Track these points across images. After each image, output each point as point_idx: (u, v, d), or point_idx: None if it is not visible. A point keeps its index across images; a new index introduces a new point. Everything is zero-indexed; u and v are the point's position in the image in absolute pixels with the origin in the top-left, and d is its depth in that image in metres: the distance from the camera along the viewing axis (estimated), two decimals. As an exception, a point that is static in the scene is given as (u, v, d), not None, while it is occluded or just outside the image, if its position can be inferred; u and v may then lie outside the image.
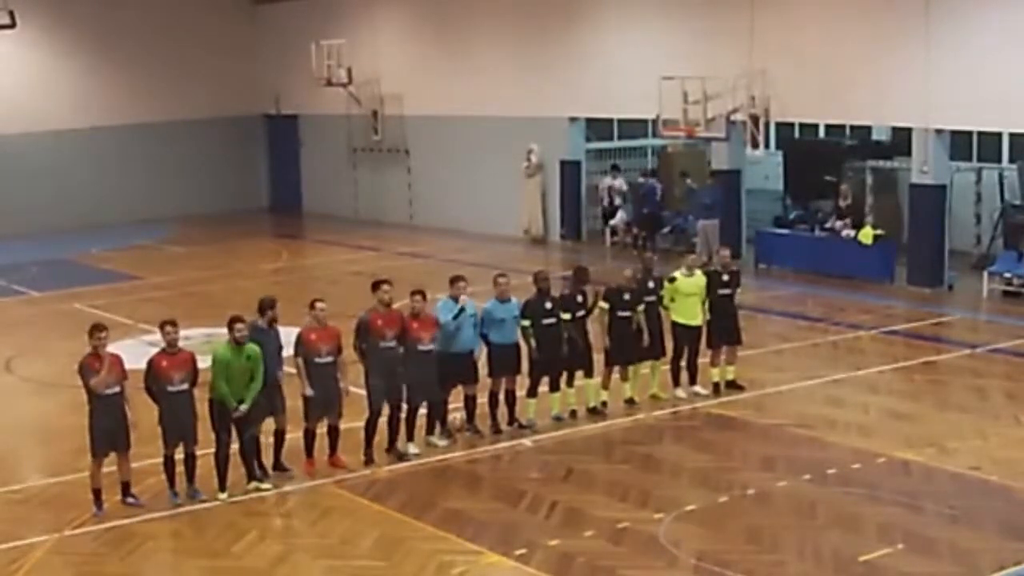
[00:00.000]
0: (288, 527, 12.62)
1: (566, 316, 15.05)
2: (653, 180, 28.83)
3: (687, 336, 16.02)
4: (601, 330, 15.47)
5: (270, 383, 13.13)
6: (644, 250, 23.09)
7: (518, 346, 14.87)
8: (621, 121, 31.91)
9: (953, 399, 16.26)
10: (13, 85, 33.97)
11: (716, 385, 16.28)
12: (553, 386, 15.19)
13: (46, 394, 17.87)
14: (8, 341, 21.32)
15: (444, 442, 14.51)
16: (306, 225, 36.00)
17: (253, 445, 13.10)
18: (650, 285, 15.90)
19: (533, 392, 15.07)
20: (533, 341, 14.86)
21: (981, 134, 26.25)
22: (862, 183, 26.29)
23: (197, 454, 12.82)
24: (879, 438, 14.45)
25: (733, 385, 16.42)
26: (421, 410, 14.25)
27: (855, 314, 21.22)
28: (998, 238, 24.52)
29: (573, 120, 29.64)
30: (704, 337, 16.17)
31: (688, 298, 15.96)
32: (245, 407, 12.75)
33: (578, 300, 15.32)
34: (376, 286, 13.98)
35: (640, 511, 12.29)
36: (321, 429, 13.65)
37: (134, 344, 17.98)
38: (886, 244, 24.00)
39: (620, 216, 29.16)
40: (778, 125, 26.22)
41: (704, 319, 16.08)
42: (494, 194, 31.00)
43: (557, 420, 15.24)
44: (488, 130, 30.94)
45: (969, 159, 26.56)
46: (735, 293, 16.33)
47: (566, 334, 15.04)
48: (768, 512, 12.26)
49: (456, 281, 14.50)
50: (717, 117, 24.57)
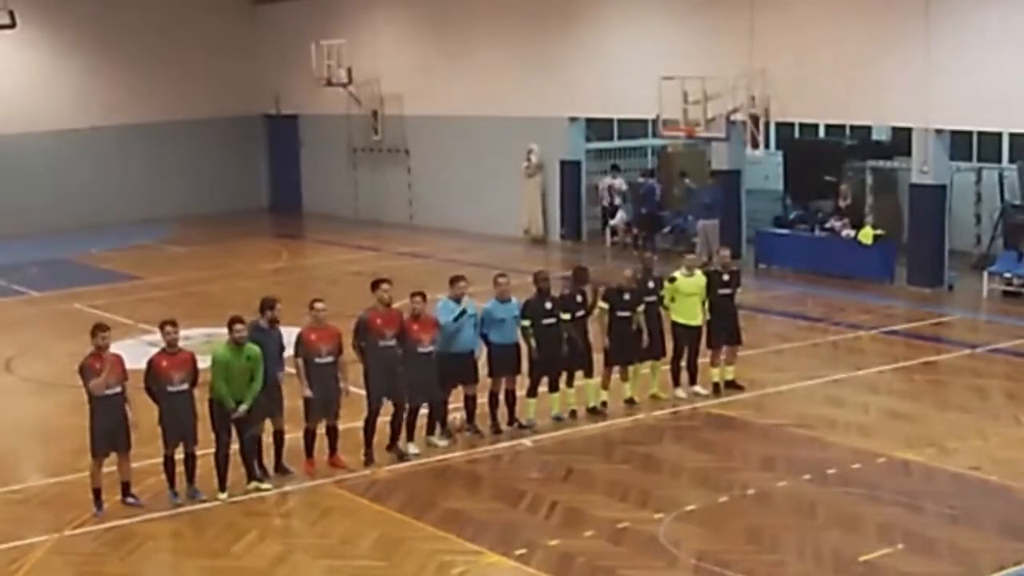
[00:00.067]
0: (288, 527, 12.62)
1: (566, 316, 15.05)
2: (652, 180, 28.84)
3: (687, 336, 16.02)
4: (601, 330, 15.48)
5: (270, 384, 13.13)
6: (644, 250, 23.09)
7: (518, 346, 14.87)
8: (621, 121, 31.91)
9: (953, 399, 16.26)
10: (13, 85, 33.97)
11: (716, 385, 16.28)
12: (553, 386, 15.19)
13: (46, 394, 17.86)
14: (8, 341, 21.31)
15: (444, 442, 14.51)
16: (306, 225, 35.98)
17: (254, 445, 13.09)
18: (650, 285, 15.90)
19: (533, 392, 15.06)
20: (533, 341, 14.86)
21: (981, 134, 26.25)
22: (862, 183, 26.28)
23: (197, 454, 12.82)
24: (879, 438, 14.45)
25: (733, 385, 16.42)
26: (421, 410, 14.25)
27: (855, 314, 21.21)
28: (998, 238, 24.51)
29: (573, 120, 29.64)
30: (704, 337, 16.18)
31: (688, 298, 15.96)
32: (245, 408, 12.75)
33: (578, 300, 15.31)
34: (375, 285, 13.98)
35: (640, 511, 12.29)
36: (321, 429, 13.65)
37: (134, 344, 17.95)
38: (886, 244, 24.00)
39: (620, 216, 29.14)
40: (778, 125, 26.21)
41: (704, 319, 16.09)
42: (494, 194, 31.00)
43: (557, 420, 15.24)
44: (488, 130, 30.95)
45: (969, 159, 26.56)
46: (735, 293, 16.34)
47: (566, 334, 15.03)
48: (768, 512, 12.25)
49: (456, 281, 14.51)
50: (717, 117, 24.56)
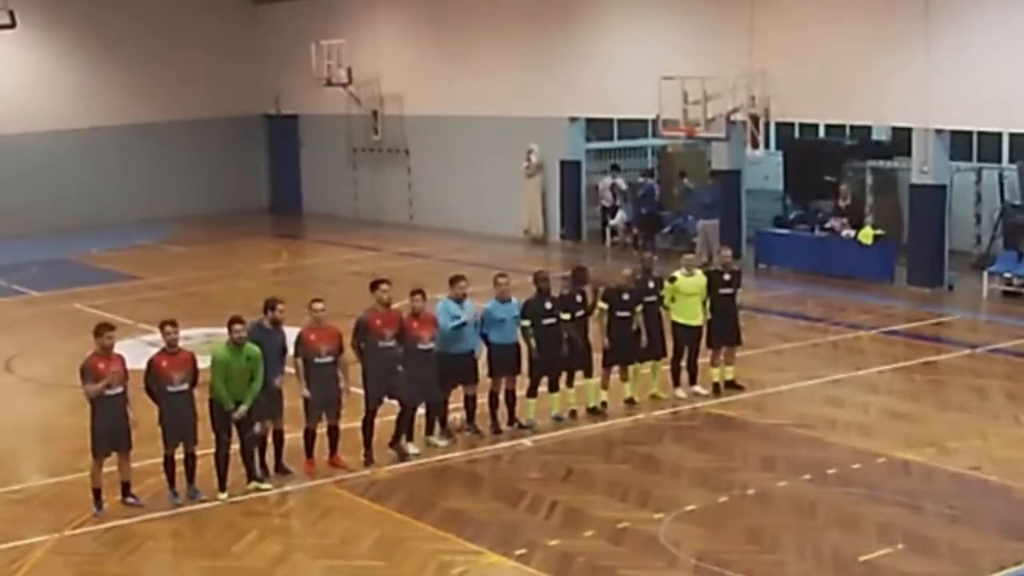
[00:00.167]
0: (288, 527, 12.61)
1: (566, 316, 15.05)
2: (652, 180, 28.84)
3: (687, 336, 16.02)
4: (600, 330, 15.48)
5: (269, 384, 13.13)
6: (644, 250, 23.08)
7: (518, 346, 14.86)
8: (621, 121, 31.91)
9: (953, 399, 16.25)
10: (13, 85, 33.96)
11: (716, 385, 16.28)
12: (553, 386, 15.19)
13: (46, 394, 17.86)
14: (8, 341, 21.31)
15: (444, 442, 14.51)
16: (306, 225, 35.98)
17: (254, 445, 13.09)
18: (650, 285, 15.90)
19: (533, 392, 15.06)
20: (533, 341, 14.86)
21: (981, 134, 26.24)
22: (862, 183, 26.28)
23: (197, 454, 12.82)
24: (879, 438, 14.45)
25: (732, 385, 16.42)
26: (420, 410, 14.26)
27: (855, 314, 21.21)
28: (998, 238, 24.51)
29: (573, 120, 29.64)
30: (704, 337, 16.18)
31: (689, 298, 15.95)
32: (244, 408, 12.75)
33: (578, 300, 15.31)
34: (375, 286, 13.98)
35: (640, 511, 12.29)
36: (321, 429, 13.65)
37: (134, 344, 17.91)
38: (886, 244, 24.00)
39: (620, 216, 29.14)
40: (778, 125, 26.21)
41: (705, 319, 16.09)
42: (494, 194, 31.00)
43: (557, 420, 15.24)
44: (488, 130, 30.94)
45: (969, 159, 26.55)
46: (736, 293, 16.33)
47: (566, 334, 15.04)
48: (768, 512, 12.25)
49: (456, 281, 14.50)
50: (717, 117, 24.56)
